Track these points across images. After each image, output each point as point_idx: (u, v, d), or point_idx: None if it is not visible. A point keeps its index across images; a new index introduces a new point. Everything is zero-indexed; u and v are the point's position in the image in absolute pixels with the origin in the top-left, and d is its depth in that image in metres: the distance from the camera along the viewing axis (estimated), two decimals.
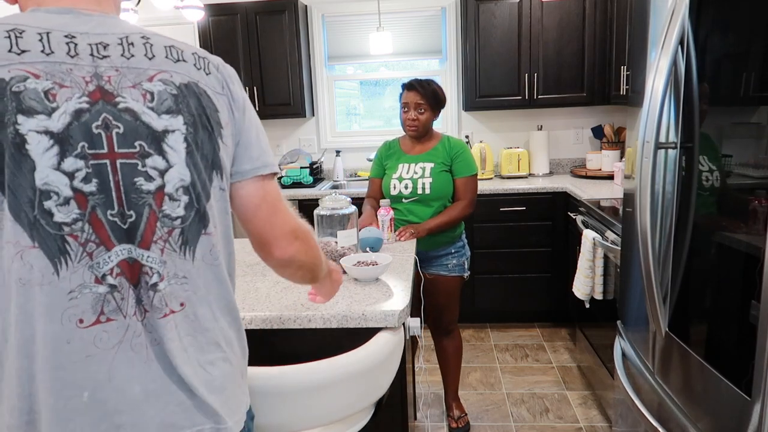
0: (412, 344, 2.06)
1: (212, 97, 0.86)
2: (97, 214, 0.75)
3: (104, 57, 0.77)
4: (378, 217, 2.18)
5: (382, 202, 2.22)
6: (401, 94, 2.31)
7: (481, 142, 3.86)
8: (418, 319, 1.63)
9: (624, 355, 1.77)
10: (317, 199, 2.00)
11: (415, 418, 2.61)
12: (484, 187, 3.43)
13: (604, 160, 3.61)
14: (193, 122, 0.83)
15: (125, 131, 0.77)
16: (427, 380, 2.93)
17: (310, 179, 3.79)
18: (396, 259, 1.93)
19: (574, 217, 2.94)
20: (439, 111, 2.33)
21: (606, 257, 2.37)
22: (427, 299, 2.32)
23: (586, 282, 2.50)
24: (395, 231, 2.21)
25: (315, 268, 1.08)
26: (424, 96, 2.25)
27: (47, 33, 0.75)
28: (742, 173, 1.13)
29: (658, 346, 1.47)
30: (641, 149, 1.35)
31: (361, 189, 3.25)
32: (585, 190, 3.16)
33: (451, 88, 3.99)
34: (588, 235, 2.47)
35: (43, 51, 0.74)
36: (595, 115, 3.89)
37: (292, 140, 4.17)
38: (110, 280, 0.77)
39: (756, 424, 1.03)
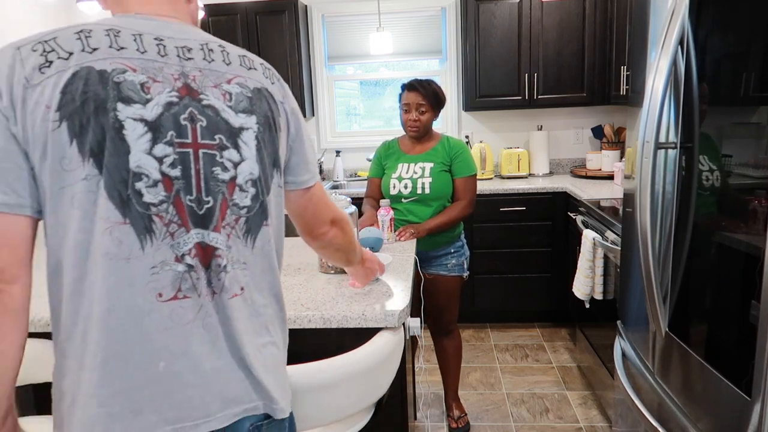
0: (412, 344, 2.06)
1: (276, 104, 0.96)
2: (181, 197, 0.83)
3: (189, 59, 0.87)
4: (378, 217, 2.18)
5: (382, 202, 2.22)
6: (401, 95, 2.31)
7: (481, 142, 3.86)
8: (418, 319, 1.63)
9: (624, 355, 1.77)
10: None
11: (415, 418, 2.61)
12: (484, 187, 3.43)
13: (604, 160, 3.61)
14: (263, 122, 0.92)
15: (208, 125, 0.85)
16: (427, 380, 2.93)
17: None
18: (396, 259, 1.93)
19: (574, 217, 2.94)
20: (440, 111, 2.33)
21: (606, 257, 2.37)
22: (427, 299, 2.32)
23: (586, 282, 2.50)
24: (395, 231, 2.21)
25: (349, 251, 1.26)
26: (426, 96, 2.25)
27: (140, 35, 0.84)
28: (742, 173, 1.14)
29: (658, 346, 1.48)
30: (641, 149, 1.35)
31: (361, 189, 3.25)
32: (585, 190, 3.16)
33: (451, 88, 3.99)
34: (588, 235, 2.48)
35: (138, 50, 0.83)
36: (595, 115, 3.89)
37: None
38: (188, 260, 0.83)
39: (756, 424, 1.03)
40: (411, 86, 2.28)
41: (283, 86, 1.00)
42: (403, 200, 2.32)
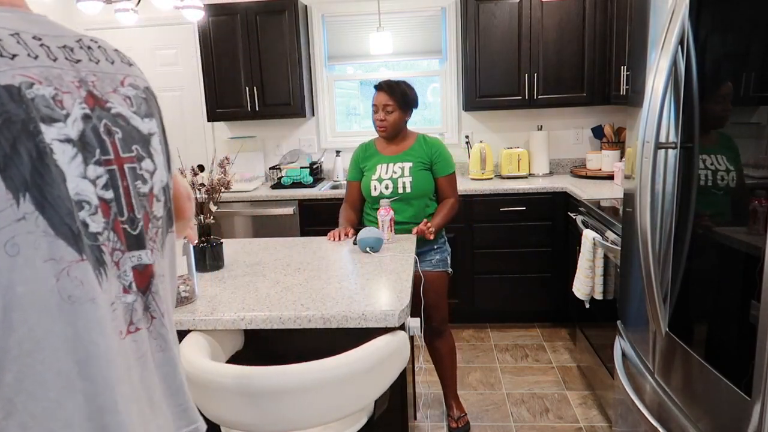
0: (411, 344, 2.06)
1: (156, 100, 0.86)
2: (118, 221, 0.73)
3: (77, 61, 0.73)
4: (378, 217, 2.18)
5: (382, 202, 2.22)
6: (373, 96, 2.36)
7: (481, 142, 3.86)
8: (418, 319, 1.63)
9: (624, 355, 1.77)
10: (317, 199, 2.00)
11: (415, 418, 2.61)
12: (484, 187, 3.43)
13: (604, 160, 3.61)
14: (160, 124, 0.84)
15: (123, 136, 0.75)
16: (427, 380, 2.93)
17: (310, 179, 3.79)
18: (396, 259, 1.93)
19: (574, 217, 2.94)
20: (410, 111, 2.38)
21: (606, 257, 2.37)
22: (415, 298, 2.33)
23: (586, 282, 2.50)
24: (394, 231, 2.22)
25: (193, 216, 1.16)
26: (392, 96, 2.29)
27: (17, 33, 0.67)
28: (743, 173, 1.13)
29: (658, 346, 1.48)
30: (641, 149, 1.35)
31: None
32: (585, 190, 3.16)
33: (451, 88, 3.99)
34: (588, 235, 2.48)
35: (29, 55, 0.67)
36: (595, 115, 3.89)
37: (292, 140, 4.17)
38: (133, 287, 0.75)
39: (756, 424, 1.03)
40: (378, 87, 2.34)
41: None
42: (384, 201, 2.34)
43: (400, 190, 2.32)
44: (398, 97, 2.30)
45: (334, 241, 2.24)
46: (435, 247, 2.39)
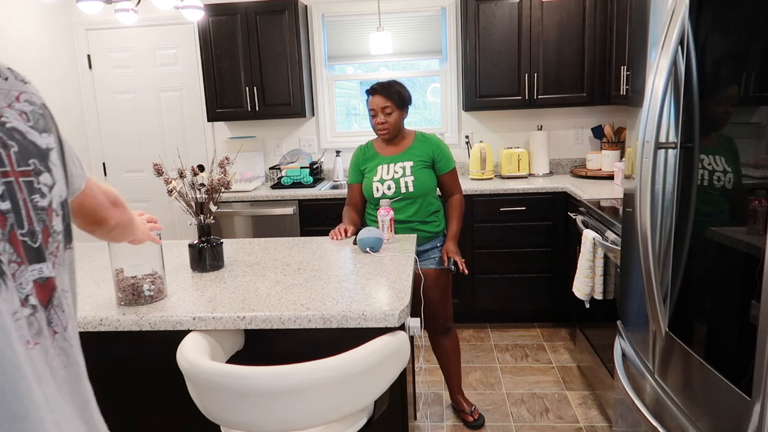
0: (411, 344, 2.06)
1: (53, 115, 0.87)
2: (15, 232, 0.73)
3: None
4: (378, 217, 2.19)
5: (382, 202, 2.22)
6: (367, 101, 2.36)
7: (481, 142, 3.86)
8: (418, 319, 1.63)
9: (624, 355, 1.77)
10: (317, 199, 2.00)
11: (415, 418, 2.61)
12: (484, 187, 3.43)
13: (604, 160, 3.61)
14: (58, 140, 0.85)
15: (19, 150, 0.76)
16: (427, 380, 2.93)
17: (310, 179, 3.79)
18: (396, 259, 1.93)
19: (574, 217, 2.94)
20: (407, 109, 2.39)
21: (606, 257, 2.38)
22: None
23: (586, 282, 2.50)
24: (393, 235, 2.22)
25: (132, 223, 1.23)
26: (389, 98, 2.30)
27: None
28: (742, 173, 1.13)
29: (658, 346, 1.48)
30: (641, 149, 1.35)
31: None
32: (585, 190, 3.16)
33: (451, 88, 3.99)
34: (588, 235, 2.48)
35: None
36: (595, 115, 3.90)
37: (292, 140, 4.17)
38: (32, 300, 0.75)
39: (756, 424, 1.03)
40: (373, 90, 2.34)
41: None
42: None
43: (403, 190, 2.33)
44: (395, 97, 2.30)
45: (335, 240, 2.25)
46: (437, 245, 2.41)
